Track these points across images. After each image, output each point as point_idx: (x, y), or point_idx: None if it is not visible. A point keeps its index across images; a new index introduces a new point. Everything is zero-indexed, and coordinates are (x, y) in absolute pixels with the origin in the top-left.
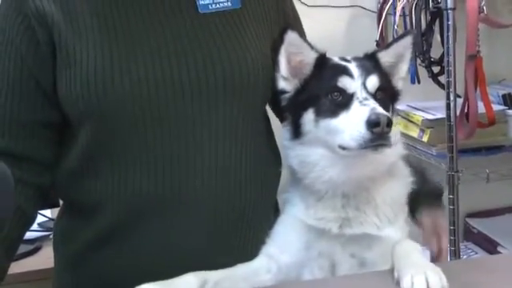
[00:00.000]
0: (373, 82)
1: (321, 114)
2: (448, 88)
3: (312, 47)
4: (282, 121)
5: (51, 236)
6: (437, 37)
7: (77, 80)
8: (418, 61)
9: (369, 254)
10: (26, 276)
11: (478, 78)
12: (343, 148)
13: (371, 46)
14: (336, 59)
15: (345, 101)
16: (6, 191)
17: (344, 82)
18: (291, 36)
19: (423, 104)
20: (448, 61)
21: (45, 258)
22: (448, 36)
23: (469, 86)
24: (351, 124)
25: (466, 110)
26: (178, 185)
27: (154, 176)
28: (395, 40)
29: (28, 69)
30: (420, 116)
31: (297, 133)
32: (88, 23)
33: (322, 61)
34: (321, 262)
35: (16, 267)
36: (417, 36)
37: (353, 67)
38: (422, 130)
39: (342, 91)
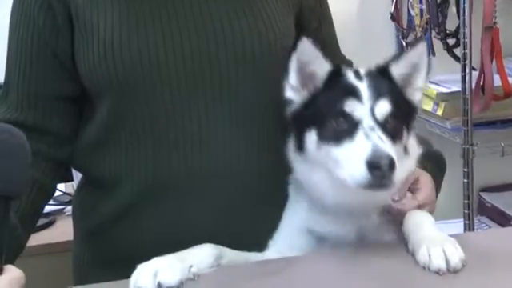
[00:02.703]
0: (383, 108)
1: (324, 138)
2: (464, 60)
3: (326, 59)
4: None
5: (65, 210)
6: (452, 8)
7: (94, 51)
8: (433, 33)
9: (384, 237)
10: (40, 249)
11: (494, 50)
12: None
13: (386, 20)
14: (349, 75)
15: (350, 129)
16: (23, 159)
17: (351, 106)
18: (305, 45)
19: (437, 77)
20: (464, 33)
21: (59, 232)
22: (464, 7)
23: (485, 58)
24: (352, 160)
25: (481, 83)
26: (198, 158)
27: (175, 149)
28: (406, 51)
29: (45, 41)
30: (434, 89)
31: (300, 147)
32: None
33: (334, 75)
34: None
35: (30, 240)
36: (432, 8)
37: (363, 88)
38: (437, 104)
39: (348, 117)
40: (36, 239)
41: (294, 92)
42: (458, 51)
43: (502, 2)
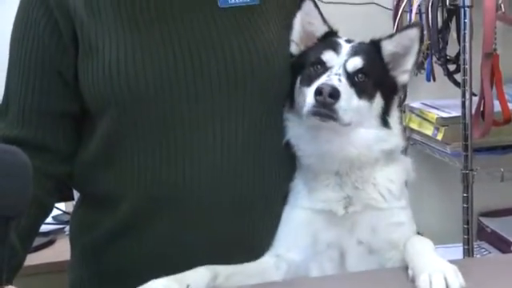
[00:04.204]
0: (354, 62)
1: (302, 81)
2: (464, 86)
3: (325, 22)
4: None
5: (65, 229)
6: (453, 34)
7: (99, 71)
8: (434, 58)
9: (375, 239)
10: (40, 268)
11: (494, 76)
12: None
13: None
14: (342, 38)
15: (321, 73)
16: (25, 179)
17: (328, 56)
18: (309, 5)
19: (438, 102)
20: (464, 59)
21: (59, 251)
22: (465, 34)
23: (485, 84)
24: (310, 92)
25: (481, 109)
26: (197, 174)
27: (174, 165)
28: (400, 30)
29: (49, 58)
30: (435, 114)
31: (292, 100)
32: (110, 14)
33: (328, 36)
34: (330, 254)
35: (30, 260)
36: (433, 34)
37: (345, 46)
38: (437, 128)
39: (323, 64)
40: (36, 258)
41: (295, 47)
42: (458, 77)
43: (502, 29)
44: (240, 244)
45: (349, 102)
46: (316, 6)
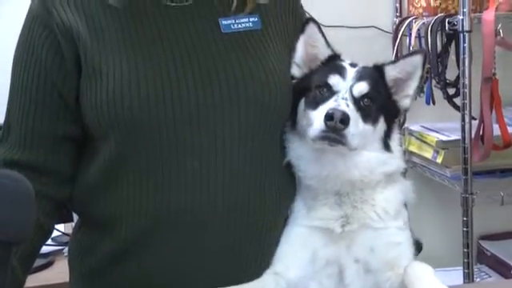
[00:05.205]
0: (361, 87)
1: (307, 104)
2: (463, 110)
3: (329, 45)
4: None
5: (64, 250)
6: (452, 58)
7: (102, 94)
8: (434, 82)
9: (372, 258)
10: None
11: (493, 100)
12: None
13: None
14: (346, 62)
15: (328, 97)
16: (28, 205)
17: (334, 80)
18: (312, 29)
19: (438, 125)
20: (463, 83)
21: (58, 273)
22: (464, 58)
23: (484, 108)
24: (318, 116)
25: (481, 132)
26: (198, 197)
27: (176, 188)
28: (404, 56)
29: (52, 82)
30: (434, 137)
31: (294, 121)
32: (113, 38)
33: (332, 59)
34: (329, 271)
35: (29, 281)
36: (433, 58)
37: (350, 71)
38: (436, 151)
39: (330, 88)
40: (35, 280)
41: (297, 69)
42: (458, 100)
43: (501, 54)
44: (240, 265)
45: (356, 126)
46: (320, 29)
